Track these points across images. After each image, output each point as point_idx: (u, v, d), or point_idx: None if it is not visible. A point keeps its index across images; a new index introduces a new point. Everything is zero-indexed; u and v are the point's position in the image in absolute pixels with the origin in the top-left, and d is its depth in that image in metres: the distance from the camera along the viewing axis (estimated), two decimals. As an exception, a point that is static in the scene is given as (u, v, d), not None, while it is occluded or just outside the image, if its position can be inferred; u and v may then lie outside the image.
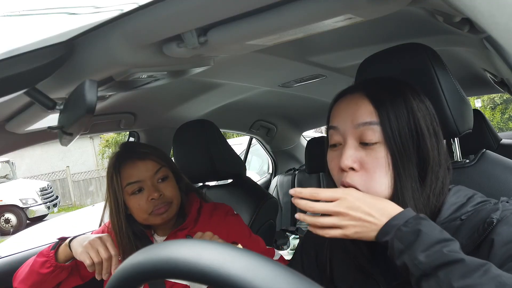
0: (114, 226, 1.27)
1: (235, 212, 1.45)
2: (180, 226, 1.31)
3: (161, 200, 1.25)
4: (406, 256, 0.66)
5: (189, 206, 1.36)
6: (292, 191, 0.73)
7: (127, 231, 1.26)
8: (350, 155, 0.78)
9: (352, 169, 0.78)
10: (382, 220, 0.71)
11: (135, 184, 1.25)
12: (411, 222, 0.68)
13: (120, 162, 1.28)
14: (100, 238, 1.18)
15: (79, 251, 1.16)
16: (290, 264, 1.05)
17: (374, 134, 0.77)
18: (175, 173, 1.35)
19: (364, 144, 0.78)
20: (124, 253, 1.24)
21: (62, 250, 1.22)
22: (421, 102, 0.81)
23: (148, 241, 1.30)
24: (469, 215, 0.74)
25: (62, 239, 1.26)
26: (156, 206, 1.24)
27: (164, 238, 1.33)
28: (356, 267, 0.86)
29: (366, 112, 0.78)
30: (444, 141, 0.85)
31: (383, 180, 0.77)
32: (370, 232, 0.71)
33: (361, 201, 0.72)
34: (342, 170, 0.79)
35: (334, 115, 0.84)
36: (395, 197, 0.77)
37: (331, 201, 0.72)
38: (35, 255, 1.28)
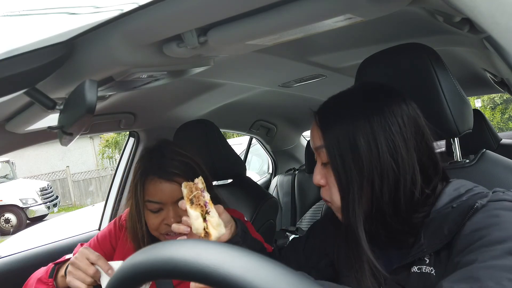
0: (133, 218, 1.24)
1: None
2: None
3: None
4: None
5: None
6: None
7: (143, 228, 1.23)
8: (316, 174, 0.89)
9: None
10: None
11: (155, 204, 1.19)
12: None
13: (147, 173, 1.20)
14: (75, 258, 1.11)
15: (68, 280, 1.10)
16: (292, 242, 1.10)
17: (324, 155, 0.85)
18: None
19: (324, 163, 0.87)
20: (139, 246, 1.23)
21: (61, 280, 1.15)
22: (387, 122, 0.80)
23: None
24: (460, 203, 0.76)
25: (57, 263, 1.20)
26: (170, 231, 1.19)
27: None
28: (357, 255, 0.89)
29: (316, 138, 0.87)
30: (444, 141, 0.85)
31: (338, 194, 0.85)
32: None
33: None
34: None
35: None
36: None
37: None
38: (32, 280, 1.20)
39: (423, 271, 0.77)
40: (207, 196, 0.86)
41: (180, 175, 1.20)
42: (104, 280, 1.07)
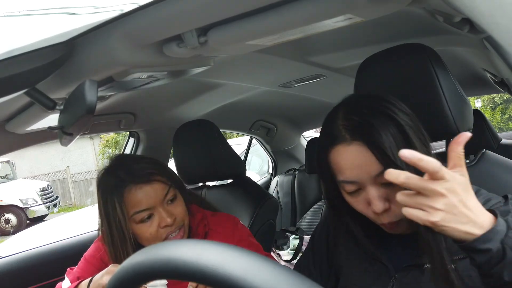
0: (116, 243, 1.13)
1: (236, 215, 1.40)
2: None
3: (175, 225, 1.14)
4: None
5: (193, 221, 1.25)
6: (407, 153, 0.63)
7: (130, 249, 1.13)
8: (379, 202, 0.79)
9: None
10: (480, 218, 0.64)
11: (144, 212, 1.11)
12: None
13: (122, 187, 1.11)
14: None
15: None
16: (300, 262, 1.07)
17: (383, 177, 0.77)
18: (179, 187, 1.22)
19: (384, 184, 0.79)
20: None
21: None
22: (405, 115, 0.80)
23: None
24: None
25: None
26: (170, 233, 1.14)
27: None
28: (364, 254, 0.89)
29: (375, 164, 0.78)
30: (444, 141, 0.85)
31: None
32: (460, 225, 0.64)
33: (461, 189, 0.65)
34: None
35: (343, 168, 0.82)
36: None
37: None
38: None
39: None
40: None
41: (156, 173, 1.15)
42: None
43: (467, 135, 0.67)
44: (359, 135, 0.79)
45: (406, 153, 0.63)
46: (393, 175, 0.64)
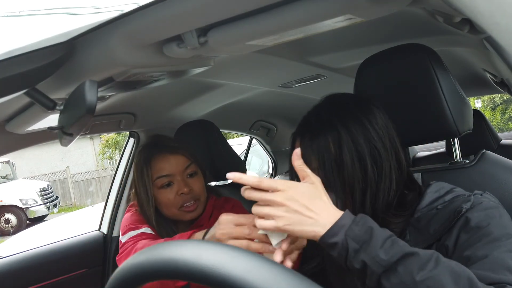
0: (141, 202, 1.30)
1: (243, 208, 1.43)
2: (196, 223, 1.33)
3: (190, 195, 1.28)
4: (364, 255, 0.68)
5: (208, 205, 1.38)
6: (231, 175, 0.73)
7: (152, 209, 1.29)
8: None
9: None
10: (324, 218, 0.71)
11: (165, 178, 1.28)
12: (359, 220, 0.71)
13: (151, 155, 1.31)
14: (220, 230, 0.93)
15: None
16: None
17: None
18: (202, 171, 1.38)
19: None
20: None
21: None
22: (353, 133, 0.83)
23: (173, 235, 1.26)
24: (445, 205, 0.81)
25: None
26: (186, 202, 1.28)
27: None
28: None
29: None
30: (444, 142, 0.85)
31: None
32: (305, 226, 0.71)
33: (302, 195, 0.72)
34: None
35: None
36: None
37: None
38: None
39: None
40: None
41: (181, 148, 1.33)
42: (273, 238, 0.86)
43: (297, 152, 0.76)
44: (300, 134, 0.90)
45: (229, 175, 0.74)
46: (242, 189, 0.75)
